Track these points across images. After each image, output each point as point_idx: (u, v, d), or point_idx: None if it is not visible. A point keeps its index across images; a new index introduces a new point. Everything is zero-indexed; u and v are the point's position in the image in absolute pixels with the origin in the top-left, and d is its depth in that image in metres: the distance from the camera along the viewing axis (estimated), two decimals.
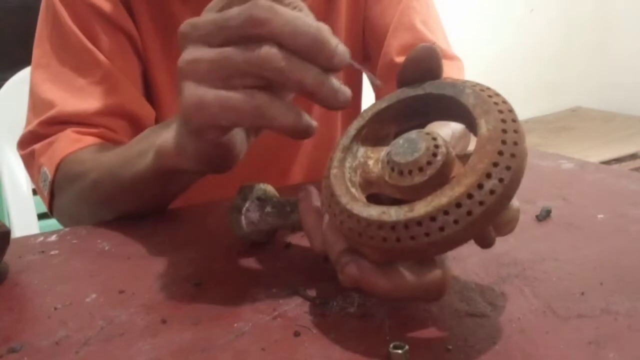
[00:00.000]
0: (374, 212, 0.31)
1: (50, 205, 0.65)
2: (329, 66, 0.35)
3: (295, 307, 0.36)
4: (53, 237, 0.51)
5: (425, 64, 0.36)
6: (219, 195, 0.59)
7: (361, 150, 0.35)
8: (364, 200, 0.33)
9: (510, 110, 0.31)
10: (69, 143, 0.62)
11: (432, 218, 0.29)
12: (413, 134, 0.32)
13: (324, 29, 0.35)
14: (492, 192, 0.29)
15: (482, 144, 0.30)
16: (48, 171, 0.63)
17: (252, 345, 0.33)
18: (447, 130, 0.50)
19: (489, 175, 0.29)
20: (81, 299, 0.40)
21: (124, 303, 0.39)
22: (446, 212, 0.29)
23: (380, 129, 0.36)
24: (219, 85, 0.36)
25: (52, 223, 0.67)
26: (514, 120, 0.31)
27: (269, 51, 0.35)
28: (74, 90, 0.65)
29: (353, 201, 0.32)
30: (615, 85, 2.70)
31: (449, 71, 0.70)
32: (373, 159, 0.34)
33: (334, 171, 0.35)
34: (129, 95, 0.67)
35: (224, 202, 0.57)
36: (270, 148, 0.74)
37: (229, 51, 0.36)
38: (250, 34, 0.35)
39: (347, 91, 0.36)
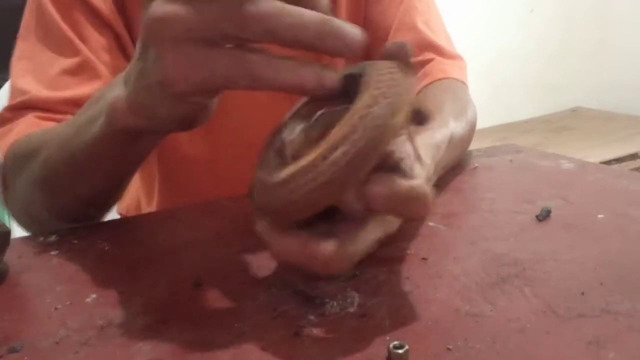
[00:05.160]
0: (260, 174, 0.34)
1: (5, 195, 0.60)
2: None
3: (295, 307, 0.36)
4: (53, 237, 0.51)
5: (393, 58, 0.35)
6: (218, 195, 0.59)
7: (298, 128, 0.37)
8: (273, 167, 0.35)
9: (393, 86, 0.32)
10: (25, 127, 0.59)
11: (286, 182, 0.32)
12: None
13: None
14: (334, 163, 0.31)
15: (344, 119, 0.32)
16: (1, 156, 0.59)
17: (252, 345, 0.33)
18: (445, 131, 0.50)
19: (334, 148, 0.31)
20: (81, 299, 0.40)
21: (124, 303, 0.39)
22: (295, 178, 0.31)
23: (318, 108, 0.37)
24: (203, 45, 0.31)
25: None
26: (386, 97, 0.32)
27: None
28: (49, 79, 0.63)
29: (259, 168, 0.35)
30: (615, 85, 2.70)
31: (451, 70, 0.70)
32: (302, 136, 0.36)
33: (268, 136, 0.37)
34: None
35: (223, 202, 0.57)
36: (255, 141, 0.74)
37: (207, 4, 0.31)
38: None
39: (355, 32, 0.33)
